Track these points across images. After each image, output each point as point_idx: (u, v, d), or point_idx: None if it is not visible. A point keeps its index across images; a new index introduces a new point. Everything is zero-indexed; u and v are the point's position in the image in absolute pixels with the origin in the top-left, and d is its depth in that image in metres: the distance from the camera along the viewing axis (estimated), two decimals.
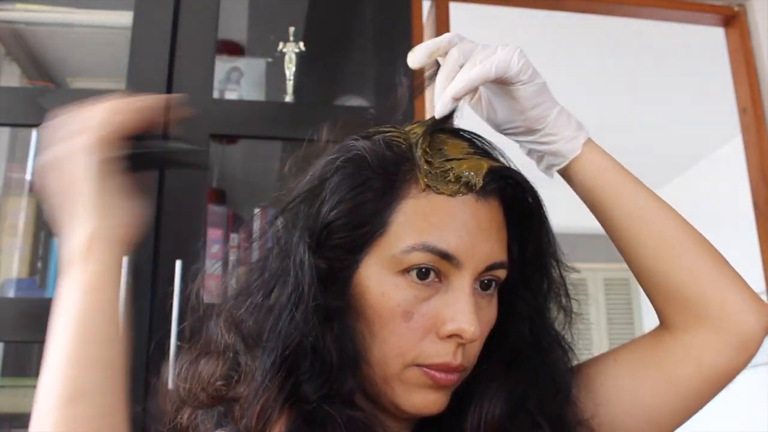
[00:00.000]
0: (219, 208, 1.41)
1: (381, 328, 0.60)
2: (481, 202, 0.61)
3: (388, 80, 1.38)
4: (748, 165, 1.99)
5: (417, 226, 0.60)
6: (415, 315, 0.59)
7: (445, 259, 0.59)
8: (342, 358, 0.59)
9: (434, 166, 0.61)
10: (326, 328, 0.59)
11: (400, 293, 0.59)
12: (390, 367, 0.60)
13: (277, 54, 1.51)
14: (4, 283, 1.36)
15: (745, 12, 2.01)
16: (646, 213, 0.67)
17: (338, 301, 0.60)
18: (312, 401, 0.58)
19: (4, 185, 1.46)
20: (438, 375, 0.59)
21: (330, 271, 0.60)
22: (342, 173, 0.62)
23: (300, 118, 1.38)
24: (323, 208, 0.61)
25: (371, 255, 0.61)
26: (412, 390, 0.60)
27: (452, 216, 0.60)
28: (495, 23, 2.71)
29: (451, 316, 0.59)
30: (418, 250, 0.59)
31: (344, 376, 0.59)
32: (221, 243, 1.37)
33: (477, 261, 0.60)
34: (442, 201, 0.60)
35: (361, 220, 0.60)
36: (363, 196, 0.61)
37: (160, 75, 1.33)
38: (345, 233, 0.60)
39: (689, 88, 3.19)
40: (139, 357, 1.18)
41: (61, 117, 0.67)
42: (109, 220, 0.63)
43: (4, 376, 1.42)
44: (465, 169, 0.61)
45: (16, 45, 1.51)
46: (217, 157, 1.61)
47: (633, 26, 2.46)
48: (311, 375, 0.59)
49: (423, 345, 0.59)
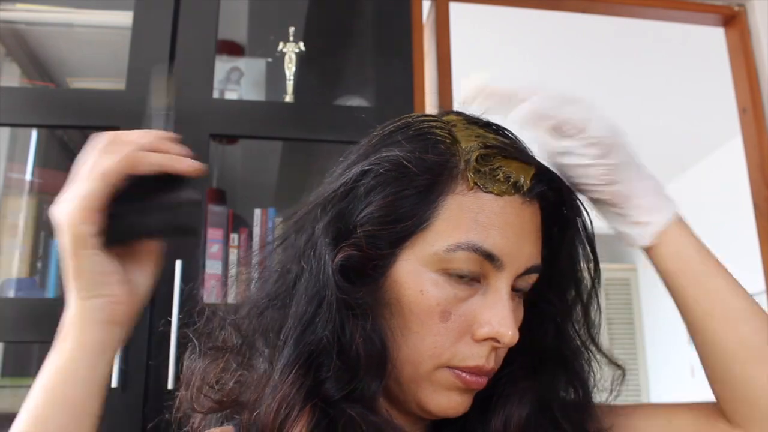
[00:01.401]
0: (219, 208, 1.41)
1: (418, 326, 0.58)
2: (527, 204, 0.60)
3: (388, 80, 1.39)
4: (748, 165, 1.99)
5: (463, 223, 0.58)
6: (453, 315, 0.58)
7: (488, 260, 0.58)
8: (369, 355, 0.57)
9: (483, 164, 0.60)
10: (353, 324, 0.57)
11: (440, 291, 0.58)
12: (422, 366, 0.58)
13: (277, 54, 1.51)
14: (4, 283, 1.36)
15: (745, 12, 2.01)
16: (731, 314, 0.62)
17: (367, 297, 0.58)
18: (334, 401, 0.56)
19: (4, 185, 1.46)
20: (469, 378, 0.59)
21: (361, 262, 0.58)
22: (378, 175, 0.60)
23: (300, 118, 1.38)
24: (355, 205, 0.59)
25: (410, 250, 0.59)
26: (440, 391, 0.59)
27: (499, 216, 0.59)
28: (495, 23, 2.71)
29: (488, 319, 0.58)
30: (463, 249, 0.57)
31: (370, 375, 0.57)
32: (221, 243, 1.37)
33: (518, 263, 0.59)
34: (489, 200, 0.59)
35: (401, 214, 0.58)
36: (404, 192, 0.59)
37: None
38: (382, 226, 0.58)
39: (689, 88, 3.19)
40: (139, 357, 1.19)
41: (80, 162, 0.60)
42: (91, 300, 0.57)
43: (4, 376, 1.42)
44: (514, 169, 0.60)
45: (16, 45, 1.51)
46: (217, 157, 1.61)
47: (633, 26, 2.45)
48: (334, 373, 0.57)
49: (458, 346, 0.58)
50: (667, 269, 0.65)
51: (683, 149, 3.95)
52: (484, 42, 2.82)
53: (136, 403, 1.17)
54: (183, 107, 1.32)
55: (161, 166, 0.58)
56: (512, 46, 2.89)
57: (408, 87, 1.37)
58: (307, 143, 1.48)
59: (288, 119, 1.39)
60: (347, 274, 0.58)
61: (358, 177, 0.60)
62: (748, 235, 2.04)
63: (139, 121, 1.31)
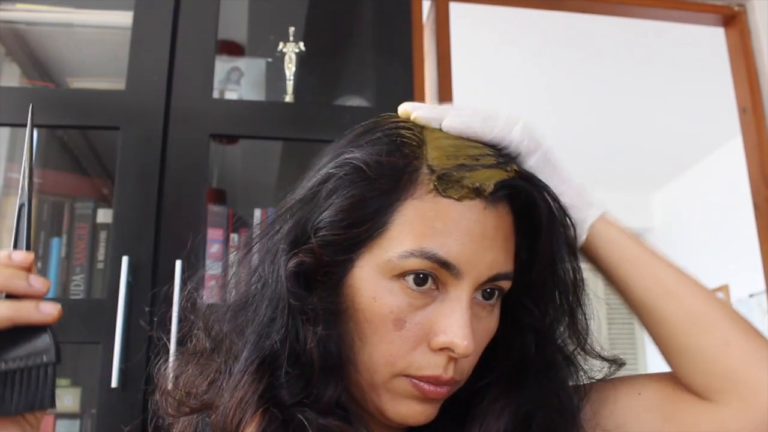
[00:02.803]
0: (219, 208, 1.41)
1: (371, 333, 0.57)
2: (490, 209, 0.58)
3: (388, 80, 1.39)
4: (748, 165, 1.99)
5: (417, 229, 0.56)
6: (408, 323, 0.56)
7: (444, 268, 0.56)
8: (325, 362, 0.56)
9: (446, 168, 0.57)
10: (306, 330, 0.56)
11: (393, 299, 0.56)
12: (378, 375, 0.57)
13: (277, 54, 1.51)
14: None
15: (745, 12, 2.01)
16: (669, 288, 0.63)
17: (324, 303, 0.56)
18: (288, 405, 0.55)
19: (4, 185, 1.46)
20: (426, 387, 0.57)
21: (315, 269, 0.57)
22: (338, 179, 0.59)
23: (300, 118, 1.38)
24: (315, 210, 0.59)
25: (366, 256, 0.57)
26: (399, 400, 0.58)
27: (456, 222, 0.56)
28: (495, 23, 2.71)
29: (444, 328, 0.56)
30: (416, 256, 0.55)
31: (326, 382, 0.56)
32: (221, 243, 1.37)
33: (478, 271, 0.57)
34: (447, 205, 0.57)
35: (358, 218, 0.57)
36: (362, 195, 0.57)
37: (160, 75, 1.33)
38: (338, 231, 0.57)
39: (689, 88, 3.19)
40: (139, 357, 1.19)
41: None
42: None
43: None
44: (479, 174, 0.57)
45: (16, 45, 1.51)
46: (217, 157, 1.61)
47: (633, 26, 2.46)
48: (289, 379, 0.56)
49: (414, 355, 0.56)
50: (605, 259, 0.65)
51: (683, 149, 3.95)
52: (484, 42, 2.83)
53: (136, 403, 1.17)
54: (183, 107, 1.32)
55: (10, 320, 0.49)
56: (512, 46, 2.90)
57: (408, 87, 1.37)
58: (307, 143, 1.48)
59: (288, 119, 1.39)
60: (301, 281, 0.57)
61: (321, 181, 0.60)
62: (748, 235, 2.04)
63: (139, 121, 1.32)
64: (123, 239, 1.24)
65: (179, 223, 1.26)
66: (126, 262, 1.20)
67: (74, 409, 1.34)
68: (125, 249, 1.22)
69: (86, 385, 1.36)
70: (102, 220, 1.36)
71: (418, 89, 1.55)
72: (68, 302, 1.30)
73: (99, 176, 1.58)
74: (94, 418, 1.26)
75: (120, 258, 1.20)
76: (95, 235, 1.36)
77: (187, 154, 1.30)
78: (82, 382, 1.38)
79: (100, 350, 1.19)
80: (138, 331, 1.20)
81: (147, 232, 1.24)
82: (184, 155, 1.30)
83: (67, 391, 1.35)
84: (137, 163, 1.28)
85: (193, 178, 1.29)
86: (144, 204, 1.26)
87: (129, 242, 1.23)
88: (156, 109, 1.31)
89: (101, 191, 1.53)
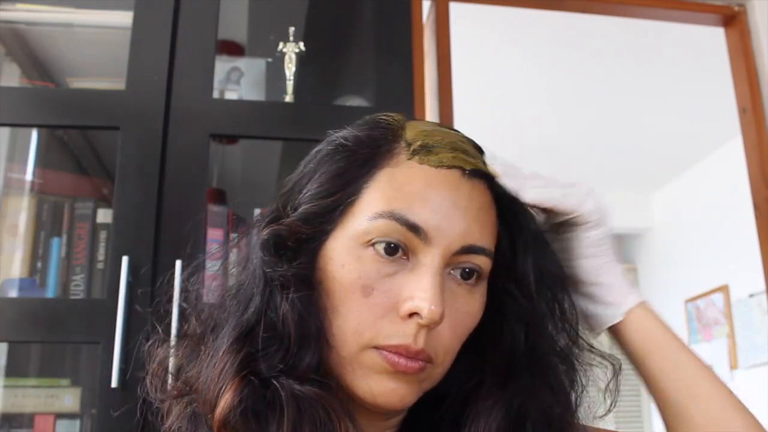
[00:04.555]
0: (219, 208, 1.41)
1: (340, 303, 0.56)
2: (465, 179, 0.58)
3: (388, 80, 1.38)
4: (748, 165, 1.99)
5: (388, 193, 0.56)
6: (376, 291, 0.56)
7: (412, 231, 0.55)
8: (302, 332, 0.56)
9: (425, 141, 0.59)
10: (281, 298, 0.56)
11: (361, 265, 0.56)
12: (348, 346, 0.56)
13: (277, 54, 1.51)
14: (4, 283, 1.36)
15: (745, 12, 2.01)
16: (697, 393, 0.63)
17: (294, 268, 0.57)
18: (266, 374, 0.55)
19: (4, 185, 1.46)
20: (395, 359, 0.55)
21: (289, 238, 0.58)
22: (319, 156, 0.62)
23: (300, 118, 1.38)
24: (296, 188, 0.61)
25: (341, 226, 0.58)
26: (369, 375, 0.56)
27: (429, 186, 0.56)
28: (495, 23, 2.71)
29: (410, 293, 0.55)
30: (384, 217, 0.55)
31: (303, 351, 0.56)
32: (221, 243, 1.37)
33: (450, 239, 0.56)
34: (422, 171, 0.57)
35: (335, 187, 0.58)
36: (341, 166, 0.59)
37: (160, 75, 1.33)
38: (316, 201, 0.58)
39: (689, 88, 3.19)
40: (139, 357, 1.19)
41: None
42: None
43: (5, 376, 1.42)
44: (457, 156, 0.59)
45: (16, 45, 1.51)
46: (217, 157, 1.61)
47: (633, 26, 2.46)
48: (268, 349, 0.56)
49: (382, 323, 0.55)
50: (637, 348, 0.65)
51: (683, 149, 3.95)
52: (484, 42, 2.83)
53: (136, 403, 1.17)
54: (183, 107, 1.32)
55: None
56: (512, 46, 2.90)
57: (408, 87, 1.37)
58: (307, 143, 1.47)
59: (288, 119, 1.39)
60: (274, 249, 0.58)
61: (306, 162, 0.63)
62: (748, 235, 2.04)
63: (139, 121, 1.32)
64: (123, 239, 1.24)
65: (179, 223, 1.26)
66: (126, 262, 1.20)
67: (74, 409, 1.34)
68: (125, 249, 1.22)
69: (86, 385, 1.36)
70: (102, 220, 1.36)
71: (418, 89, 1.55)
72: (68, 302, 1.30)
73: (99, 176, 1.58)
74: (94, 418, 1.26)
75: (120, 258, 1.20)
76: (95, 235, 1.36)
77: (187, 154, 1.30)
78: (82, 382, 1.37)
79: (100, 350, 1.19)
80: (138, 332, 1.20)
81: (147, 232, 1.24)
82: (184, 155, 1.30)
83: (67, 391, 1.35)
84: (137, 163, 1.28)
85: (193, 178, 1.29)
86: (144, 204, 1.26)
87: (129, 242, 1.23)
88: (156, 109, 1.31)
89: (101, 191, 1.53)
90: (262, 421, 0.55)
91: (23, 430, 1.32)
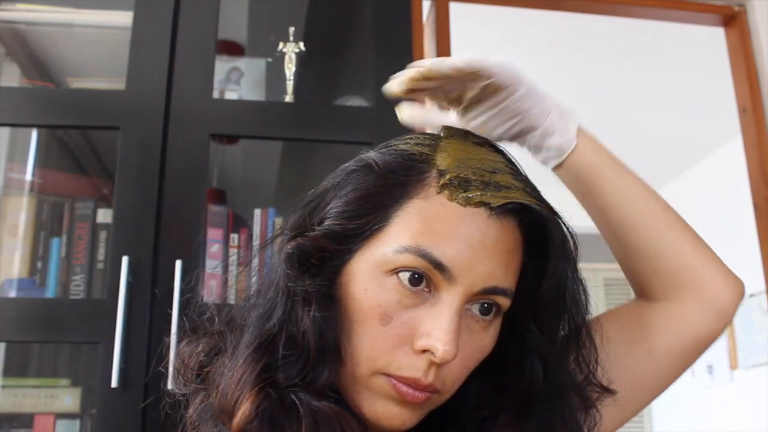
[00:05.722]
0: (219, 208, 1.41)
1: (358, 326, 0.57)
2: (493, 219, 0.57)
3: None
4: (748, 165, 1.99)
5: (416, 228, 0.56)
6: (394, 320, 0.56)
7: (437, 269, 0.55)
8: (320, 345, 0.56)
9: (456, 173, 0.58)
10: (302, 312, 0.57)
11: (383, 293, 0.56)
12: (360, 369, 0.57)
13: (277, 54, 1.51)
14: (4, 283, 1.36)
15: (745, 12, 2.01)
16: (634, 194, 0.70)
17: (321, 288, 0.57)
18: (282, 388, 0.56)
19: (4, 185, 1.46)
20: (404, 389, 0.56)
21: (312, 253, 0.59)
22: (348, 174, 0.61)
23: (300, 118, 1.38)
24: (323, 202, 0.61)
25: (366, 249, 0.58)
26: (376, 399, 0.57)
27: (457, 226, 0.56)
28: (495, 23, 2.71)
29: (428, 330, 0.55)
30: (410, 252, 0.55)
31: (322, 366, 0.57)
32: (221, 243, 1.37)
33: (473, 279, 0.56)
34: (451, 208, 0.57)
35: (362, 210, 0.58)
36: (369, 189, 0.59)
37: (160, 75, 1.33)
38: (342, 221, 0.58)
39: (689, 88, 3.19)
40: (139, 357, 1.19)
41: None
42: None
43: (5, 376, 1.42)
44: (488, 193, 0.57)
45: (16, 45, 1.51)
46: (217, 157, 1.61)
47: (633, 26, 2.46)
48: (286, 361, 0.57)
49: (396, 354, 0.56)
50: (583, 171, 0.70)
51: (683, 149, 3.95)
52: (484, 42, 2.82)
53: (136, 403, 1.17)
54: (183, 107, 1.32)
55: None
56: (512, 46, 2.89)
57: None
58: (307, 143, 1.48)
59: (288, 119, 1.39)
60: (298, 264, 0.58)
61: (335, 176, 0.62)
62: (748, 235, 2.04)
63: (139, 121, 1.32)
64: (123, 239, 1.24)
65: (179, 223, 1.26)
66: (126, 262, 1.20)
67: (74, 409, 1.34)
68: (125, 249, 1.22)
69: (86, 385, 1.36)
70: (102, 220, 1.36)
71: None
72: (68, 302, 1.30)
73: (99, 176, 1.58)
74: (94, 418, 1.26)
75: (120, 258, 1.20)
76: (95, 235, 1.36)
77: (187, 154, 1.30)
78: (82, 382, 1.37)
79: (100, 350, 1.19)
80: (138, 331, 1.20)
81: (147, 232, 1.24)
82: (184, 155, 1.30)
83: (67, 391, 1.35)
84: (137, 163, 1.28)
85: (193, 178, 1.29)
86: (144, 204, 1.26)
87: (129, 242, 1.23)
88: (156, 109, 1.31)
89: (101, 191, 1.53)
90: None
91: (23, 430, 1.32)
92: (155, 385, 1.17)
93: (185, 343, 0.65)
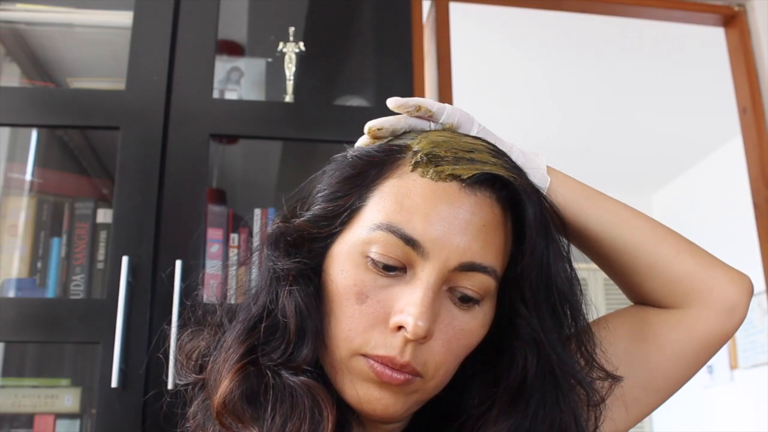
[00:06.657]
0: (219, 208, 1.41)
1: (336, 306, 0.58)
2: (466, 192, 0.57)
3: (388, 80, 1.39)
4: (748, 165, 1.99)
5: (389, 205, 0.57)
6: (370, 299, 0.57)
7: (409, 245, 0.55)
8: (300, 325, 0.58)
9: (429, 150, 0.59)
10: (284, 292, 0.59)
11: (358, 273, 0.57)
12: (339, 350, 0.58)
13: (277, 54, 1.51)
14: (4, 283, 1.36)
15: (745, 12, 2.01)
16: (619, 218, 0.69)
17: (295, 262, 0.59)
18: (263, 366, 0.58)
19: (4, 185, 1.46)
20: (381, 369, 0.56)
21: (295, 236, 0.61)
22: (333, 164, 0.64)
23: (300, 118, 1.38)
24: (308, 193, 0.64)
25: (346, 231, 0.59)
26: (357, 382, 0.57)
27: (428, 201, 0.56)
28: (495, 23, 2.71)
29: (401, 306, 0.55)
30: (382, 229, 0.56)
31: (302, 345, 0.58)
32: (221, 243, 1.37)
33: (447, 254, 0.55)
34: (423, 184, 0.57)
35: (340, 192, 0.60)
36: (349, 174, 0.61)
37: (160, 75, 1.33)
38: (324, 204, 0.61)
39: (689, 88, 3.19)
40: (139, 357, 1.19)
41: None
42: None
43: (4, 376, 1.42)
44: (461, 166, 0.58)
45: (16, 45, 1.51)
46: (217, 157, 1.61)
47: (633, 26, 2.46)
48: (271, 342, 0.59)
49: (372, 333, 0.56)
50: (571, 203, 0.68)
51: (683, 149, 3.94)
52: (484, 42, 2.82)
53: (136, 403, 1.17)
54: (183, 107, 1.32)
55: None
56: (512, 46, 2.89)
57: (408, 87, 1.37)
58: (307, 143, 1.48)
59: (288, 119, 1.39)
60: (281, 246, 0.61)
61: (320, 173, 0.65)
62: (748, 235, 2.04)
63: (139, 121, 1.32)
64: (123, 239, 1.24)
65: (179, 223, 1.26)
66: (126, 262, 1.20)
67: (74, 409, 1.34)
68: (125, 249, 1.22)
69: (86, 385, 1.36)
70: (102, 220, 1.36)
71: (418, 89, 1.55)
72: (68, 302, 1.30)
73: (99, 176, 1.58)
74: (94, 418, 1.26)
75: (120, 258, 1.20)
76: (95, 235, 1.36)
77: (187, 154, 1.30)
78: (82, 382, 1.38)
79: (100, 350, 1.19)
80: (138, 331, 1.20)
81: (147, 232, 1.24)
82: (184, 155, 1.30)
83: (67, 391, 1.35)
84: (137, 163, 1.28)
85: (193, 178, 1.29)
86: (144, 204, 1.26)
87: (129, 242, 1.23)
88: (156, 109, 1.31)
89: (101, 191, 1.53)
90: (257, 407, 0.57)
91: (23, 430, 1.32)
92: (155, 384, 1.17)
93: (186, 335, 0.66)
